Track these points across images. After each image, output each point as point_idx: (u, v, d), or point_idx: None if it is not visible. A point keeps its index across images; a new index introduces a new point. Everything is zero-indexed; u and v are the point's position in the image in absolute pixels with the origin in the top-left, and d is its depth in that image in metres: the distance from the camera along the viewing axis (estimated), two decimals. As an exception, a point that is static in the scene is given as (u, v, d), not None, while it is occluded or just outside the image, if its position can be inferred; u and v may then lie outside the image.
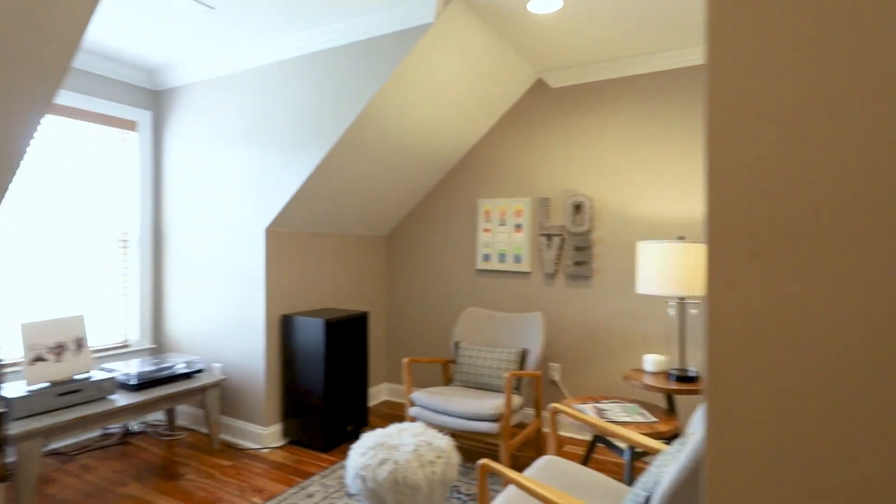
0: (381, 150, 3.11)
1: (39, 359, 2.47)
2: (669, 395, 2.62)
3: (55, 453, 2.93)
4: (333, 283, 3.58)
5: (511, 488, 1.71)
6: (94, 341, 3.23)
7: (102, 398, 2.60)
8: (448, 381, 3.25)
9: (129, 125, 3.43)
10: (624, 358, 3.21)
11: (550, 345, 3.46)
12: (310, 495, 2.50)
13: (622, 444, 2.70)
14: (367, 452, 2.01)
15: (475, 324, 3.34)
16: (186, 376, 3.01)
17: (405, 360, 2.91)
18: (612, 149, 3.25)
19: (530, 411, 3.25)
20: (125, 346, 3.41)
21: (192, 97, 3.36)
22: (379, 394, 4.07)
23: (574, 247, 3.33)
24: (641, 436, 1.87)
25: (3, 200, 1.87)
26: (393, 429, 2.20)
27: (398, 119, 2.95)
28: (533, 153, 3.52)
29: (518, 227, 3.56)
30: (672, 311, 2.98)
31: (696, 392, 2.44)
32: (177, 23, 2.73)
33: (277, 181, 3.00)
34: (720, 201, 0.55)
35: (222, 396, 3.25)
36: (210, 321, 3.30)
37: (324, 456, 2.97)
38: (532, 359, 2.99)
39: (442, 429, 2.73)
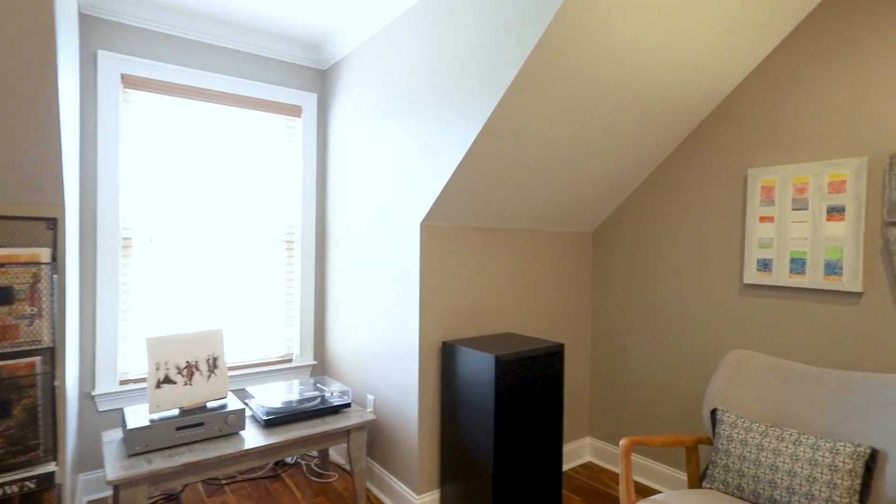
0: (576, 103, 1.98)
1: (167, 380, 2.10)
2: None
3: (208, 480, 2.64)
4: (516, 298, 2.58)
5: None
6: (254, 356, 2.91)
7: (227, 436, 2.12)
8: (698, 477, 1.92)
9: (295, 111, 3.05)
10: None
11: (917, 435, 1.80)
12: None
13: None
14: None
15: (750, 381, 1.92)
16: (333, 411, 2.40)
17: (623, 443, 1.72)
18: None
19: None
20: (287, 362, 3.04)
21: (354, 65, 2.78)
22: (580, 453, 2.91)
23: None
24: None
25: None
26: None
27: (599, 50, 1.78)
28: (869, 72, 1.91)
29: (835, 211, 1.99)
30: None
31: None
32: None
33: (433, 159, 2.15)
34: None
35: (373, 438, 2.57)
36: (364, 341, 2.66)
37: (493, 559, 1.99)
38: (897, 475, 1.46)
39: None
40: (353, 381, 2.77)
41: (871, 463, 1.54)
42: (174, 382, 2.11)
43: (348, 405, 2.46)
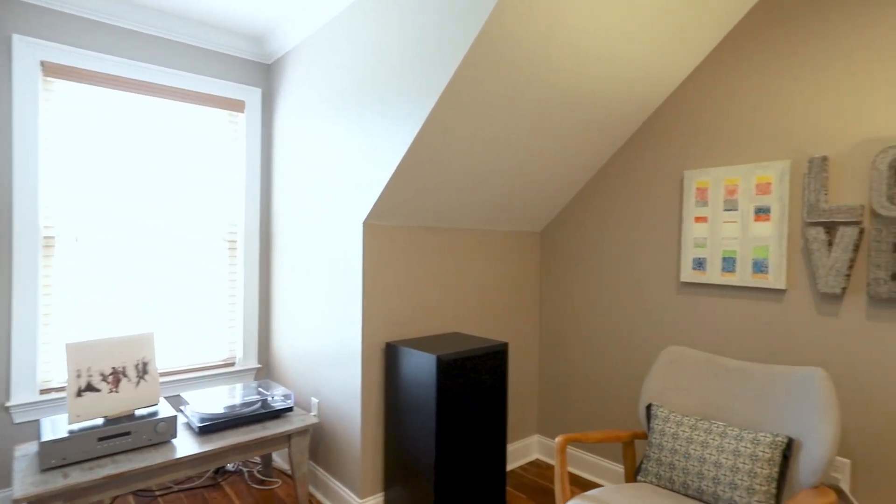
0: (518, 101, 1.99)
1: (90, 388, 1.98)
2: None
3: (139, 492, 2.50)
4: (462, 298, 2.57)
5: None
6: (193, 360, 2.79)
7: (156, 444, 2.01)
8: (634, 470, 1.97)
9: (238, 106, 2.94)
10: None
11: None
12: None
13: None
14: None
15: (682, 376, 1.98)
16: (273, 416, 2.32)
17: (558, 440, 1.73)
18: None
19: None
20: (230, 365, 2.93)
21: (300, 60, 2.70)
22: (528, 451, 2.94)
23: (892, 245, 1.74)
24: None
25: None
26: None
27: (541, 46, 1.80)
28: (793, 82, 2.01)
29: (762, 212, 2.08)
30: None
31: None
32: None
33: (375, 157, 2.11)
34: None
35: (318, 442, 2.51)
36: (309, 343, 2.60)
37: (435, 561, 1.98)
38: (811, 461, 1.54)
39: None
40: (297, 384, 2.70)
41: (788, 451, 1.61)
42: (98, 390, 1.99)
43: (290, 409, 2.38)
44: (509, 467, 2.82)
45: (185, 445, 2.02)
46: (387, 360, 2.24)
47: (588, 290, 2.74)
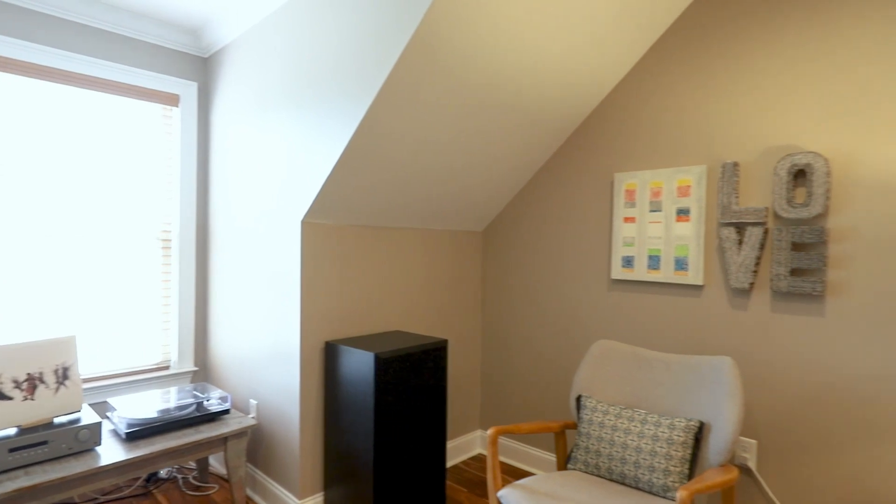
0: (456, 105, 2.04)
1: (1, 396, 1.86)
2: None
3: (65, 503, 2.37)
4: (405, 296, 2.60)
5: None
6: (124, 364, 2.66)
7: (78, 453, 1.92)
8: (565, 458, 2.06)
9: (172, 100, 2.83)
10: (906, 453, 1.71)
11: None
12: None
13: None
14: None
15: (610, 368, 2.10)
16: (209, 419, 2.26)
17: (490, 432, 1.79)
18: (876, 69, 1.77)
19: (710, 524, 1.92)
20: (164, 369, 2.82)
21: (238, 55, 2.64)
22: (471, 446, 3.00)
23: (790, 243, 1.91)
24: None
25: None
26: None
27: (476, 54, 1.85)
28: (710, 94, 2.16)
29: (683, 213, 2.23)
30: None
31: None
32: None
33: (313, 155, 2.10)
34: None
35: (257, 444, 2.46)
36: (248, 344, 2.54)
37: (374, 558, 1.99)
38: (719, 441, 1.67)
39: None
40: (235, 386, 2.64)
41: (700, 434, 1.74)
42: (10, 398, 1.87)
43: (227, 412, 2.33)
44: (452, 462, 2.87)
45: (110, 453, 1.93)
46: (326, 360, 2.24)
47: (527, 287, 2.83)
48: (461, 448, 2.93)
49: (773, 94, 1.98)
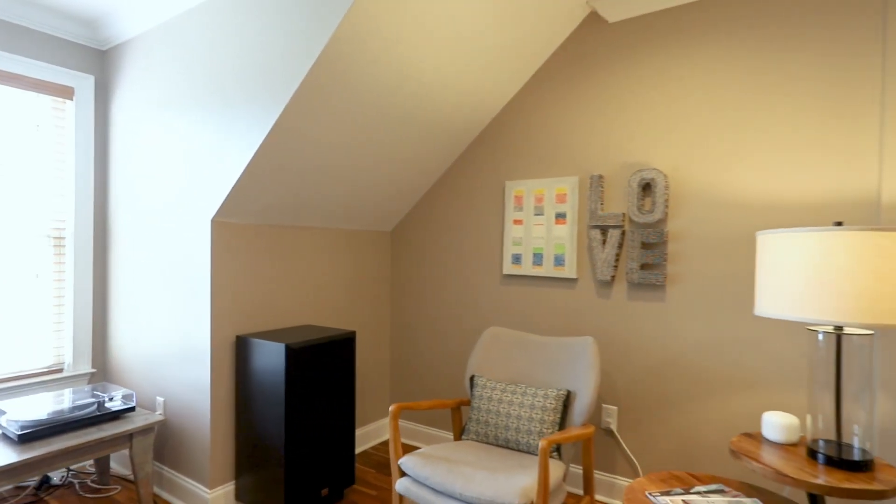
0: (365, 112, 2.24)
1: None
2: (814, 497, 1.60)
3: (-59, 516, 2.23)
4: (316, 292, 2.74)
5: None
6: (13, 367, 2.53)
7: (-35, 457, 1.86)
8: (460, 431, 2.34)
9: (66, 92, 2.73)
10: (723, 410, 2.19)
11: (607, 380, 2.48)
12: None
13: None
14: None
15: (499, 350, 2.41)
16: (113, 417, 2.25)
17: (392, 408, 2.02)
18: (699, 103, 2.24)
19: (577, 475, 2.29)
20: (57, 372, 2.71)
21: (139, 53, 2.61)
22: (381, 432, 3.21)
23: (640, 243, 2.34)
24: None
25: None
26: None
27: (383, 67, 2.07)
28: (582, 116, 2.55)
29: (560, 216, 2.60)
30: (820, 343, 1.84)
31: (868, 496, 1.40)
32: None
33: (224, 155, 2.18)
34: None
35: (164, 441, 2.48)
36: (154, 343, 2.54)
37: (284, 535, 2.13)
38: (581, 405, 2.03)
39: (444, 515, 1.82)
40: (140, 384, 2.62)
41: (567, 401, 2.10)
42: None
43: (132, 409, 2.33)
44: (363, 447, 3.06)
45: (4, 455, 1.89)
46: (237, 353, 2.33)
47: (431, 282, 3.09)
48: (371, 434, 3.13)
49: (630, 118, 2.41)
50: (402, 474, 1.97)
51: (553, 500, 1.80)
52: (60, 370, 2.72)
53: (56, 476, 2.59)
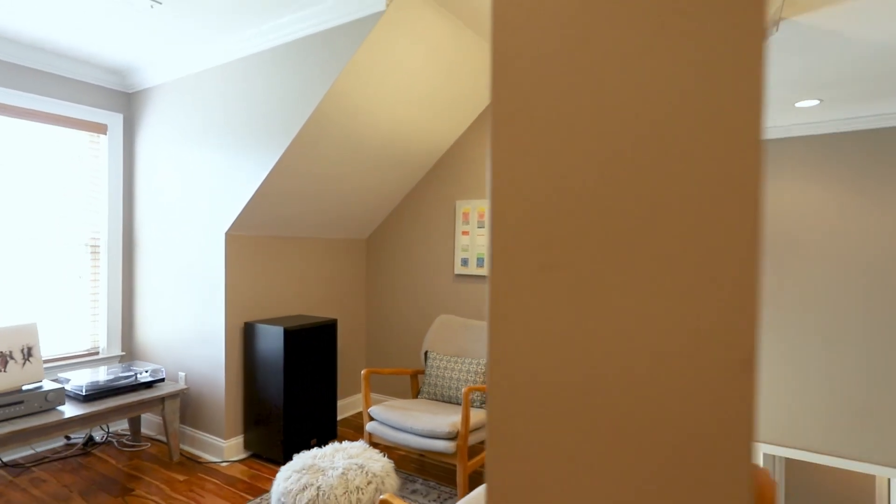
0: (347, 150, 2.95)
1: (-18, 369, 2.40)
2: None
3: (10, 465, 2.87)
4: (306, 289, 3.44)
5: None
6: (60, 349, 3.18)
7: (48, 410, 2.52)
8: (416, 393, 3.06)
9: (100, 128, 3.38)
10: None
11: (530, 355, 3.23)
12: (255, 516, 2.35)
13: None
14: (291, 476, 1.84)
15: (447, 332, 3.14)
16: (147, 386, 2.92)
17: (363, 372, 2.74)
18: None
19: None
20: (94, 354, 3.36)
21: (161, 98, 3.28)
22: (356, 405, 3.91)
23: (554, 250, 3.09)
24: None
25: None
26: (330, 448, 2.03)
27: (361, 117, 2.79)
28: (511, 150, 3.30)
29: (496, 229, 3.34)
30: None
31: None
32: (134, 20, 2.64)
33: (235, 184, 2.88)
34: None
35: (186, 407, 3.15)
36: (176, 328, 3.21)
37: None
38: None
39: (400, 448, 2.54)
40: (165, 362, 3.28)
41: (493, 367, 2.84)
42: (-10, 370, 2.42)
43: (162, 380, 3.00)
44: (344, 415, 3.76)
45: (74, 409, 2.55)
46: (245, 335, 3.01)
47: (398, 280, 3.81)
48: (349, 406, 3.83)
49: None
50: (371, 420, 2.69)
51: (477, 434, 2.54)
52: (97, 352, 3.37)
53: (97, 436, 3.25)
